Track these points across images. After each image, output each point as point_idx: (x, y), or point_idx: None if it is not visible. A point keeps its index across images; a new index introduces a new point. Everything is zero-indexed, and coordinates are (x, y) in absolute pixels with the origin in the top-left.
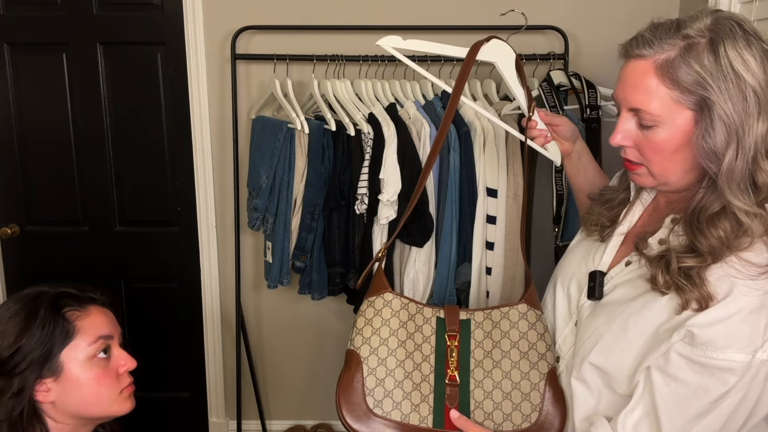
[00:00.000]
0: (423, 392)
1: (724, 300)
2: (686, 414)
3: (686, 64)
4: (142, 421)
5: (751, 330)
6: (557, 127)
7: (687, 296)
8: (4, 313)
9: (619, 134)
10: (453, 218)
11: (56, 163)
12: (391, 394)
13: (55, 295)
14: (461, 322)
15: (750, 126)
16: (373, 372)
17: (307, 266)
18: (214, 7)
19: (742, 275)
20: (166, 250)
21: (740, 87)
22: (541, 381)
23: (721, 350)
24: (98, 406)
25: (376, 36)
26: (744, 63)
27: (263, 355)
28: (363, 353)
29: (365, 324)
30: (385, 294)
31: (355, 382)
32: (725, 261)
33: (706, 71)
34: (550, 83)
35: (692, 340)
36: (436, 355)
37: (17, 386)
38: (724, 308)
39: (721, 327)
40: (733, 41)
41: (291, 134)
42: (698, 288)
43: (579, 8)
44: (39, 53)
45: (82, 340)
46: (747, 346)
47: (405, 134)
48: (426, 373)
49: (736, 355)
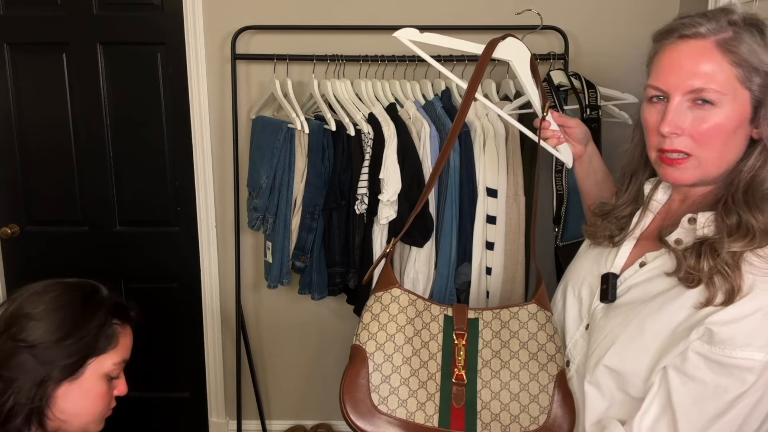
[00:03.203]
0: (429, 390)
1: (744, 297)
2: (704, 414)
3: (746, 43)
4: (143, 421)
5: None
6: (570, 129)
7: (717, 288)
8: (56, 297)
9: (672, 122)
10: (453, 218)
11: (56, 163)
12: (397, 392)
13: (113, 301)
14: (469, 320)
15: None
16: (378, 368)
17: (307, 266)
18: (214, 7)
19: (762, 272)
20: (166, 250)
21: None
22: (551, 383)
23: (740, 348)
24: (87, 419)
25: (375, 36)
26: None
27: (263, 355)
28: (369, 349)
29: (372, 319)
30: (393, 289)
31: (360, 378)
32: (744, 257)
33: (763, 50)
34: (550, 83)
35: (711, 338)
36: (443, 354)
37: (43, 376)
38: (744, 306)
39: (741, 325)
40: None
41: (291, 134)
42: (733, 279)
43: (579, 8)
44: (39, 53)
45: (112, 357)
46: (766, 345)
47: (405, 134)
48: (432, 371)
49: (756, 353)
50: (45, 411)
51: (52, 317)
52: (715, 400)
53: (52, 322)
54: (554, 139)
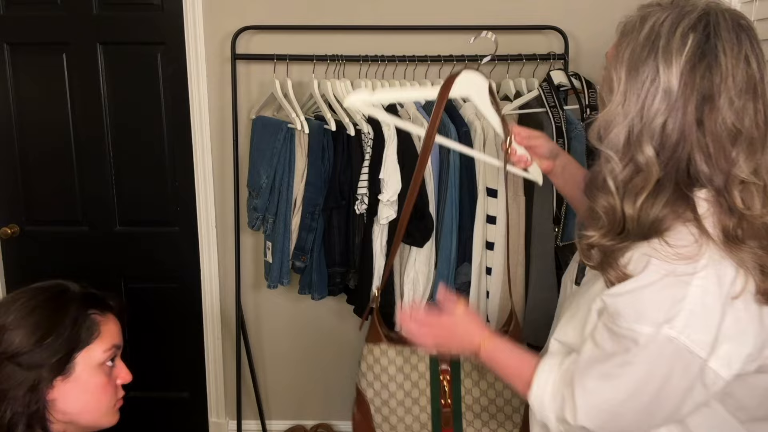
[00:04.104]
0: (422, 421)
1: (637, 275)
2: (592, 372)
3: None
4: (142, 421)
5: (656, 305)
6: (536, 148)
7: (609, 273)
8: (25, 303)
9: None
10: (453, 218)
11: (56, 163)
12: (396, 428)
13: (84, 294)
14: (452, 362)
15: None
16: (378, 410)
17: (307, 266)
18: (214, 7)
19: (658, 255)
20: (166, 250)
21: None
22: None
23: (627, 320)
24: (94, 413)
25: (375, 36)
26: None
27: (263, 355)
28: (368, 395)
29: (367, 369)
30: (381, 345)
31: (366, 419)
32: (649, 241)
33: None
34: (550, 83)
35: (606, 309)
36: (431, 388)
37: (34, 380)
38: (634, 282)
39: (630, 298)
40: None
41: (291, 134)
42: (616, 264)
43: (579, 8)
44: (39, 53)
45: (99, 345)
46: (652, 320)
47: (405, 134)
48: (423, 404)
49: (641, 327)
50: (45, 415)
51: (26, 322)
52: (604, 362)
53: (27, 327)
54: (521, 163)
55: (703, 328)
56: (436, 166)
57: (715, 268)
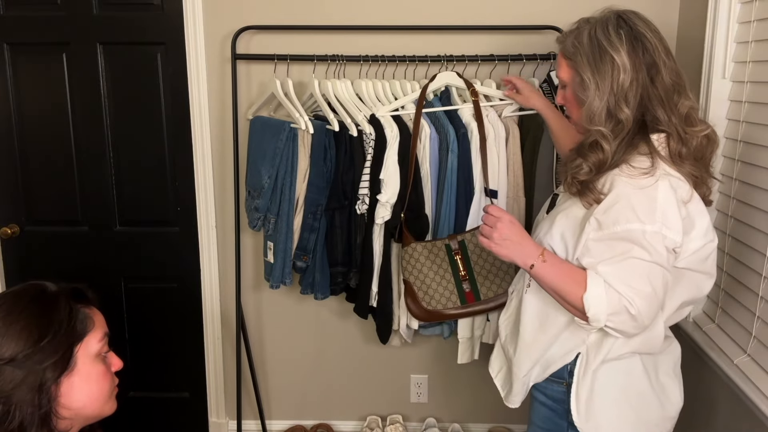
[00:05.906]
0: (449, 289)
1: (610, 192)
2: (617, 269)
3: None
4: (142, 421)
5: (633, 210)
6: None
7: (588, 196)
8: (9, 308)
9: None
10: (450, 219)
11: (56, 163)
12: (433, 298)
13: (66, 289)
14: (460, 242)
15: None
16: (420, 288)
17: (308, 266)
18: (214, 7)
19: (625, 174)
20: (166, 250)
21: None
22: None
23: (619, 224)
24: (98, 403)
25: (375, 36)
26: None
27: (263, 355)
28: (411, 281)
29: (407, 263)
30: (412, 244)
31: (415, 301)
32: (619, 167)
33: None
34: (550, 83)
35: (599, 225)
36: (451, 266)
37: (38, 382)
38: (614, 195)
39: (615, 208)
40: None
41: (294, 134)
42: (593, 186)
43: (579, 8)
44: (39, 53)
45: (94, 336)
46: (637, 220)
47: (407, 135)
48: (448, 279)
49: (631, 225)
50: (54, 413)
51: (17, 327)
52: (615, 246)
53: (20, 331)
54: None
55: (672, 221)
56: (436, 167)
57: (667, 178)
